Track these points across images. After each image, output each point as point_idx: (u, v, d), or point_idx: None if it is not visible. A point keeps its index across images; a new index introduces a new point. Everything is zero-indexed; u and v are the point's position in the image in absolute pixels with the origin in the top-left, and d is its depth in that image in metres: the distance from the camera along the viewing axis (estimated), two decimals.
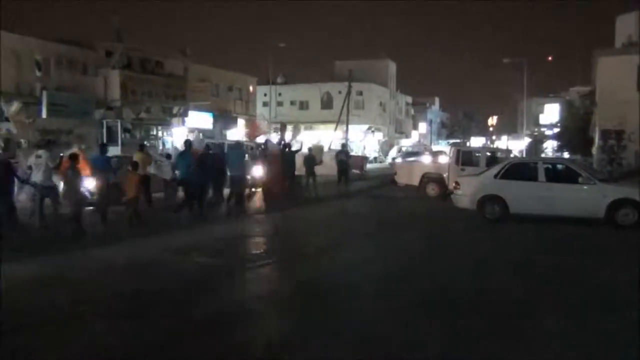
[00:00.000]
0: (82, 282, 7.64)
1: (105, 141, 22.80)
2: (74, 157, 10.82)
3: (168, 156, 16.69)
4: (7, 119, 25.89)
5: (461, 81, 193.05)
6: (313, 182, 19.26)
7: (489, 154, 19.28)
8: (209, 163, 13.94)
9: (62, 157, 11.10)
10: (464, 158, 18.78)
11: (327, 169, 22.48)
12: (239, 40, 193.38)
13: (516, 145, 61.80)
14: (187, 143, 14.55)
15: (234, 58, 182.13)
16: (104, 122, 29.54)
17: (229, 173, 15.09)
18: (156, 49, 37.59)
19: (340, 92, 55.63)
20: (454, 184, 14.69)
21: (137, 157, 14.08)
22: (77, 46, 30.92)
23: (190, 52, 41.13)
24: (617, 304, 6.78)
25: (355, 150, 47.38)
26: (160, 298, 6.91)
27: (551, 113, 56.13)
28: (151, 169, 14.76)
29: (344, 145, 25.58)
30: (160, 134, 35.36)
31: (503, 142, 75.06)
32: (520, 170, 13.86)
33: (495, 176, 13.64)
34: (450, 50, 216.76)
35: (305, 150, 20.93)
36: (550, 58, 74.00)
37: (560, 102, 53.88)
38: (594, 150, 27.89)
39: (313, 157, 20.05)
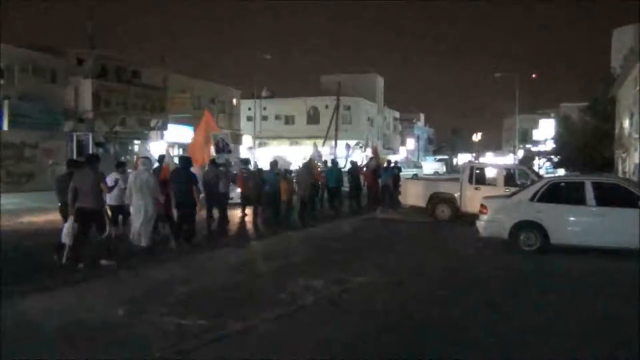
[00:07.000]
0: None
1: (74, 157, 21.18)
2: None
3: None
4: None
5: (445, 97, 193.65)
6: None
7: (505, 171, 17.16)
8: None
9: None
10: (478, 176, 16.74)
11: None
12: (222, 52, 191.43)
13: (502, 162, 60.58)
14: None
15: (217, 71, 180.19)
16: (74, 135, 27.22)
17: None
18: (133, 58, 35.17)
19: (327, 107, 53.68)
20: (479, 208, 12.41)
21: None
22: (46, 52, 28.40)
23: (168, 62, 38.94)
24: None
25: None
26: None
27: (546, 129, 55.39)
28: None
29: (396, 162, 25.74)
30: (136, 148, 32.88)
31: (487, 159, 73.84)
32: (563, 191, 11.61)
33: (532, 198, 11.43)
34: (434, 66, 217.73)
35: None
36: (534, 75, 76.63)
37: (555, 117, 53.32)
38: (626, 166, 25.84)
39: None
